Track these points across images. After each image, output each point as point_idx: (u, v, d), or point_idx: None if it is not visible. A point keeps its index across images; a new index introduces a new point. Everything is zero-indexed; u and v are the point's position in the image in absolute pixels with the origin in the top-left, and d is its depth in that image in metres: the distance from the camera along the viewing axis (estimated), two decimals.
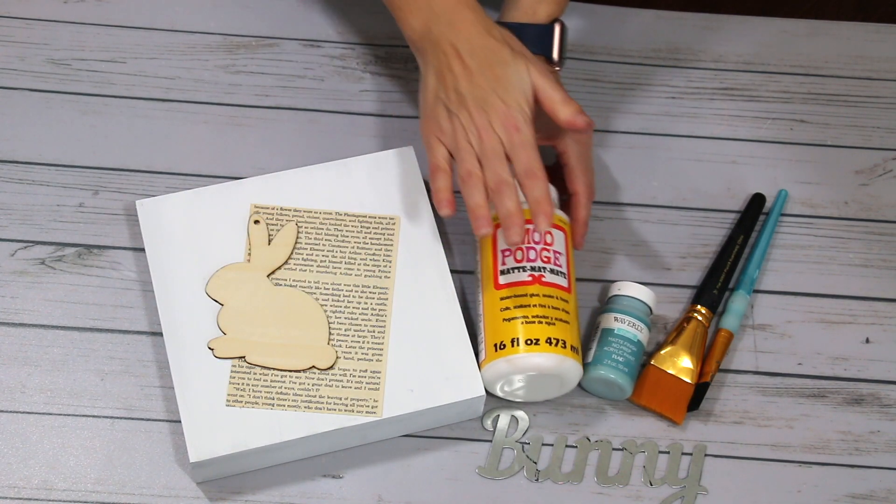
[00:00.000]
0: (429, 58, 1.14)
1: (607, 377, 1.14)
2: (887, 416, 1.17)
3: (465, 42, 1.12)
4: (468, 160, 1.11)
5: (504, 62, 1.12)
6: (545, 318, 1.11)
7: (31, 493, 1.10)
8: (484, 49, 1.12)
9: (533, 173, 1.10)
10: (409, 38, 1.16)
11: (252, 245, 1.16)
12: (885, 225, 1.26)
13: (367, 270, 1.16)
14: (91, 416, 1.13)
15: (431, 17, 1.13)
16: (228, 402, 1.10)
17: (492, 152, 1.10)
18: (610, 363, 1.14)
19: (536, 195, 1.10)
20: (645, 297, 1.16)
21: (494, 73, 1.11)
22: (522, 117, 1.11)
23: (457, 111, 1.12)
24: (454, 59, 1.12)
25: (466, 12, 1.13)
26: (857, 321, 1.21)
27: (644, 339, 1.16)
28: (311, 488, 1.12)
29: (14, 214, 1.21)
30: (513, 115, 1.11)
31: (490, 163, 1.10)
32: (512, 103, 1.11)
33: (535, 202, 1.10)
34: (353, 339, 1.13)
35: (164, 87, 1.27)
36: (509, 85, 1.11)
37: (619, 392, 1.15)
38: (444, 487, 1.13)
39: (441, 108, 1.13)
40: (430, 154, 1.14)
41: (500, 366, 1.11)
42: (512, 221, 1.09)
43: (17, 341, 1.16)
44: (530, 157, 1.10)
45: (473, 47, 1.12)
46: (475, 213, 1.10)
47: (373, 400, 1.11)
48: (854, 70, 1.33)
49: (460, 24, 1.13)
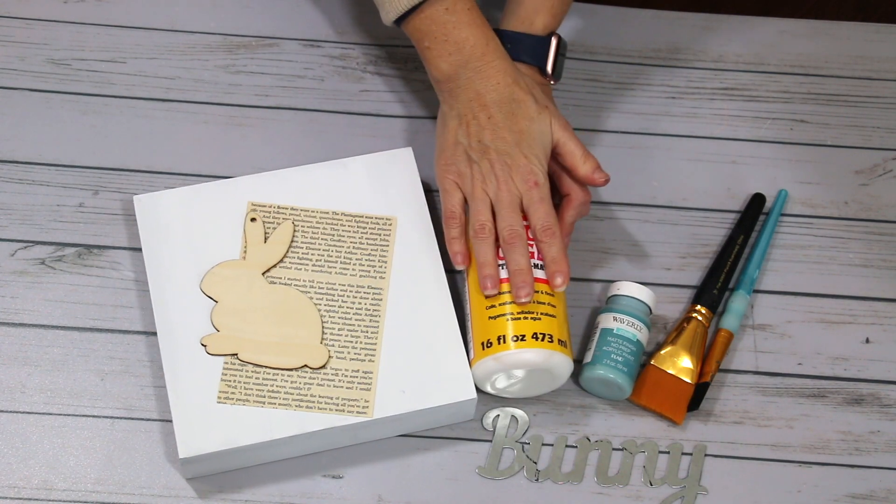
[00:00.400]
0: (454, 101, 1.15)
1: (606, 377, 1.14)
2: (887, 416, 1.17)
3: (492, 91, 1.13)
4: (482, 211, 1.12)
5: (529, 117, 1.13)
6: (530, 313, 1.11)
7: (31, 493, 1.10)
8: (510, 102, 1.13)
9: (550, 231, 1.11)
10: (434, 79, 1.16)
11: (248, 242, 1.16)
12: (885, 225, 1.26)
13: (362, 270, 1.16)
14: (91, 416, 1.13)
15: (461, 62, 1.14)
16: (220, 399, 1.10)
17: (508, 204, 1.12)
18: (609, 363, 1.14)
19: (554, 254, 1.11)
20: (644, 297, 1.16)
21: (519, 128, 1.13)
22: (542, 173, 1.12)
23: (478, 160, 1.13)
24: (480, 109, 1.13)
25: (496, 60, 1.14)
26: (857, 321, 1.21)
27: (644, 339, 1.16)
28: (311, 488, 1.12)
29: (14, 214, 1.21)
30: (533, 171, 1.12)
31: (505, 213, 1.12)
32: (533, 159, 1.12)
33: (553, 261, 1.11)
34: (346, 338, 1.13)
35: (164, 87, 1.27)
36: (532, 140, 1.13)
37: (618, 392, 1.15)
38: (444, 487, 1.13)
39: (461, 154, 1.14)
40: (444, 197, 1.15)
41: (489, 364, 1.11)
42: (522, 279, 1.11)
43: (17, 341, 1.16)
44: (548, 213, 1.12)
45: (500, 98, 1.13)
46: (483, 270, 1.12)
47: (364, 400, 1.11)
48: (854, 70, 1.33)
49: (489, 71, 1.14)
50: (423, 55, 1.16)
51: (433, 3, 1.14)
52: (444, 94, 1.16)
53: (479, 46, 1.14)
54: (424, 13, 1.14)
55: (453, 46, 1.14)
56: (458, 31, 1.14)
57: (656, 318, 1.20)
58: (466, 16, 1.14)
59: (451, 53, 1.14)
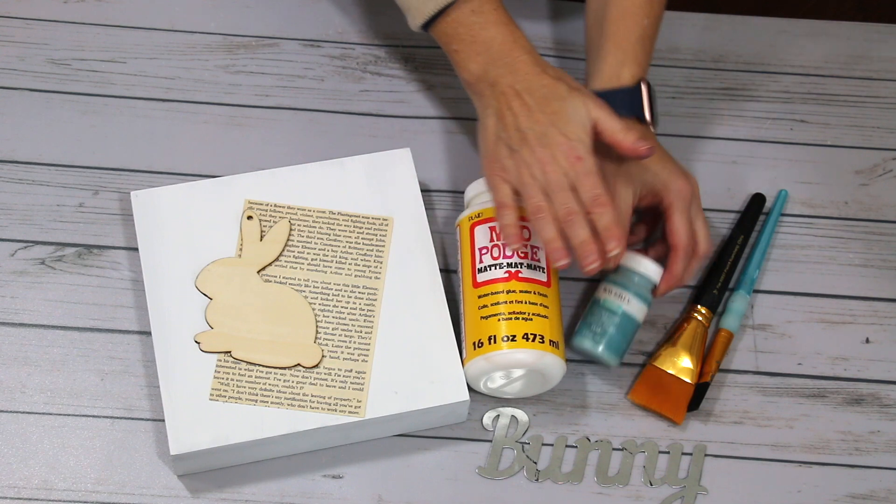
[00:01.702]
0: (487, 99, 1.15)
1: (581, 347, 1.14)
2: (887, 416, 1.17)
3: (522, 81, 1.13)
4: (535, 195, 1.12)
5: (561, 97, 1.12)
6: (522, 314, 1.11)
7: (31, 493, 1.10)
8: (541, 87, 1.13)
9: (599, 200, 1.10)
10: (465, 81, 1.16)
11: (244, 240, 1.16)
12: (885, 225, 1.26)
13: (357, 270, 1.16)
14: (91, 416, 1.13)
15: (489, 61, 1.14)
16: (212, 397, 1.10)
17: (557, 185, 1.11)
18: (586, 333, 1.14)
19: (605, 222, 1.11)
20: (640, 268, 1.15)
21: (552, 108, 1.12)
22: (583, 147, 1.11)
23: (518, 148, 1.12)
24: (513, 99, 1.13)
25: (523, 55, 1.14)
26: (857, 321, 1.21)
27: (634, 311, 1.15)
28: (311, 488, 1.12)
29: (14, 214, 1.21)
30: (574, 147, 1.11)
31: (556, 195, 1.11)
32: (572, 135, 1.11)
33: (605, 229, 1.11)
34: (339, 338, 1.13)
35: (164, 87, 1.27)
36: (568, 118, 1.12)
37: (603, 362, 1.15)
38: (444, 487, 1.13)
39: (502, 147, 1.13)
40: (494, 193, 1.14)
41: (480, 364, 1.11)
42: (587, 250, 1.10)
43: (17, 341, 1.16)
44: (595, 184, 1.11)
45: (531, 86, 1.13)
46: (550, 246, 1.11)
47: (356, 400, 1.11)
48: (854, 70, 1.33)
49: (517, 65, 1.14)
50: (451, 58, 1.17)
51: (459, 6, 1.14)
52: (476, 96, 1.16)
53: (506, 44, 1.14)
54: (451, 17, 1.14)
55: (481, 46, 1.14)
56: (485, 31, 1.14)
57: (656, 318, 1.20)
58: (493, 16, 1.14)
59: (480, 53, 1.14)
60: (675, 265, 1.16)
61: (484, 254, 1.14)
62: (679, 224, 1.16)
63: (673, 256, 1.16)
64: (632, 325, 1.15)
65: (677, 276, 1.16)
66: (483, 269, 1.14)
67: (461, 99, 1.29)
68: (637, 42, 1.18)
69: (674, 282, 1.16)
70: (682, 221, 1.16)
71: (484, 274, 1.14)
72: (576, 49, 1.32)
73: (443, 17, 1.15)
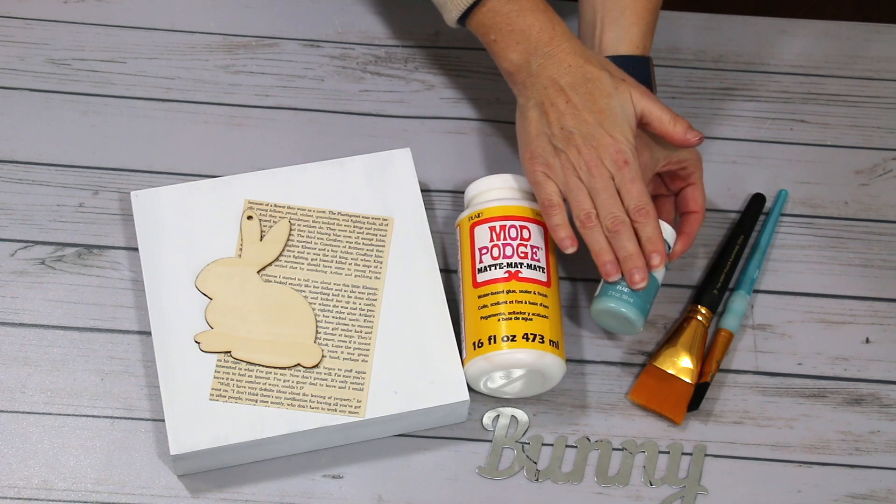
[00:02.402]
0: (530, 91, 1.13)
1: (603, 308, 1.13)
2: (887, 416, 1.17)
3: (566, 75, 1.12)
4: (583, 200, 1.11)
5: (607, 94, 1.11)
6: (522, 314, 1.11)
7: (31, 493, 1.10)
8: (585, 81, 1.12)
9: (644, 210, 1.11)
10: (505, 71, 1.15)
11: (244, 240, 1.16)
12: (885, 225, 1.26)
13: (357, 270, 1.16)
14: (91, 416, 1.13)
15: (529, 50, 1.13)
16: (212, 397, 1.10)
17: (604, 190, 1.11)
18: (612, 293, 1.12)
19: (648, 233, 1.11)
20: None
21: (599, 107, 1.11)
22: (630, 150, 1.11)
23: (564, 148, 1.11)
24: (557, 95, 1.12)
25: (564, 43, 1.13)
26: (857, 321, 1.21)
27: (658, 275, 1.14)
28: (311, 488, 1.12)
29: (14, 214, 1.21)
30: (622, 149, 1.11)
31: (603, 202, 1.11)
32: (619, 136, 1.11)
33: (648, 240, 1.11)
34: (339, 338, 1.13)
35: (164, 87, 1.27)
36: (615, 117, 1.11)
37: (627, 326, 1.13)
38: (444, 487, 1.13)
39: (546, 144, 1.12)
40: (538, 190, 1.13)
41: (480, 364, 1.11)
42: (633, 263, 1.10)
43: (17, 341, 1.16)
44: (640, 191, 1.11)
45: (575, 80, 1.12)
46: (601, 258, 1.11)
47: (356, 400, 1.11)
48: (854, 70, 1.33)
49: (559, 54, 1.12)
50: (490, 50, 1.15)
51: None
52: (517, 87, 1.15)
53: (545, 31, 1.13)
54: (486, 6, 1.13)
55: (520, 35, 1.13)
56: (521, 18, 1.13)
57: (656, 319, 1.20)
58: (529, 2, 1.13)
59: (519, 42, 1.13)
60: (695, 228, 1.17)
61: (484, 254, 1.14)
62: (700, 190, 1.17)
63: (694, 220, 1.17)
64: (653, 284, 1.13)
65: (693, 238, 1.17)
66: (483, 269, 1.14)
67: (461, 99, 1.29)
68: (653, 14, 1.19)
69: (689, 244, 1.17)
70: (702, 188, 1.17)
71: (484, 274, 1.14)
72: None
73: (478, 8, 1.14)
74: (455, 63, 1.31)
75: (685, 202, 1.18)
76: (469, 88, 1.30)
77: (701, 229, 1.24)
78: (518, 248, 1.14)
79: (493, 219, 1.15)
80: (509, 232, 1.14)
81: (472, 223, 1.16)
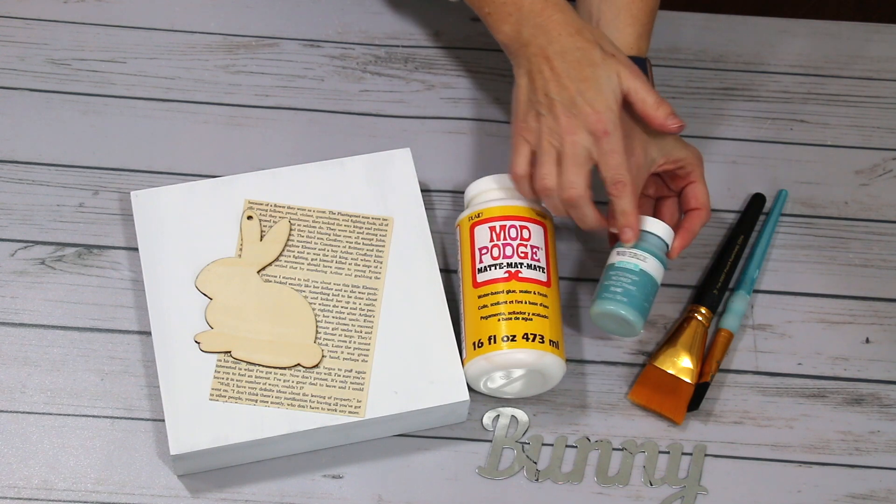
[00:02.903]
0: (521, 60, 1.13)
1: (601, 310, 1.12)
2: (887, 416, 1.17)
3: (554, 44, 1.11)
4: (546, 165, 1.11)
5: (594, 63, 1.11)
6: (522, 314, 1.11)
7: (31, 493, 1.10)
8: (574, 50, 1.11)
9: (621, 183, 1.10)
10: (501, 43, 1.15)
11: (244, 240, 1.16)
12: (885, 225, 1.26)
13: (357, 270, 1.16)
14: (91, 416, 1.13)
15: (521, 20, 1.13)
16: (212, 397, 1.10)
17: (571, 157, 1.10)
18: (607, 296, 1.12)
19: (623, 205, 1.10)
20: (651, 228, 1.14)
21: (583, 76, 1.10)
22: (611, 121, 1.10)
23: (546, 113, 1.11)
24: (543, 62, 1.12)
25: (555, 13, 1.12)
26: (857, 321, 1.21)
27: (652, 269, 1.13)
28: (311, 488, 1.12)
29: (14, 214, 1.21)
30: (602, 119, 1.09)
31: (567, 168, 1.10)
32: (601, 107, 1.10)
33: (622, 213, 1.10)
34: (339, 338, 1.13)
35: (164, 87, 1.27)
36: (598, 87, 1.10)
37: (626, 326, 1.13)
38: (444, 487, 1.13)
39: (531, 111, 1.12)
40: (513, 154, 1.13)
41: (480, 364, 1.11)
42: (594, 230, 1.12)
43: (17, 341, 1.16)
44: (619, 164, 1.10)
45: (563, 48, 1.11)
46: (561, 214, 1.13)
47: (356, 400, 1.11)
48: (854, 70, 1.33)
49: (549, 25, 1.12)
50: (486, 22, 1.16)
51: None
52: (512, 56, 1.15)
53: (537, 3, 1.13)
54: None
55: (512, 7, 1.13)
56: None
57: (656, 319, 1.20)
58: None
59: (511, 14, 1.13)
60: (696, 224, 1.16)
61: (484, 254, 1.14)
62: (702, 187, 1.16)
63: (695, 216, 1.16)
64: (651, 284, 1.13)
65: (694, 235, 1.17)
66: (483, 269, 1.14)
67: (461, 99, 1.29)
68: (649, 17, 1.19)
69: (689, 240, 1.16)
70: (703, 185, 1.16)
71: (484, 274, 1.14)
72: None
73: None
74: (455, 63, 1.31)
75: (686, 199, 1.17)
76: (469, 88, 1.30)
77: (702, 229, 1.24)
78: (518, 248, 1.14)
79: (493, 219, 1.15)
80: (509, 232, 1.14)
81: (472, 223, 1.16)
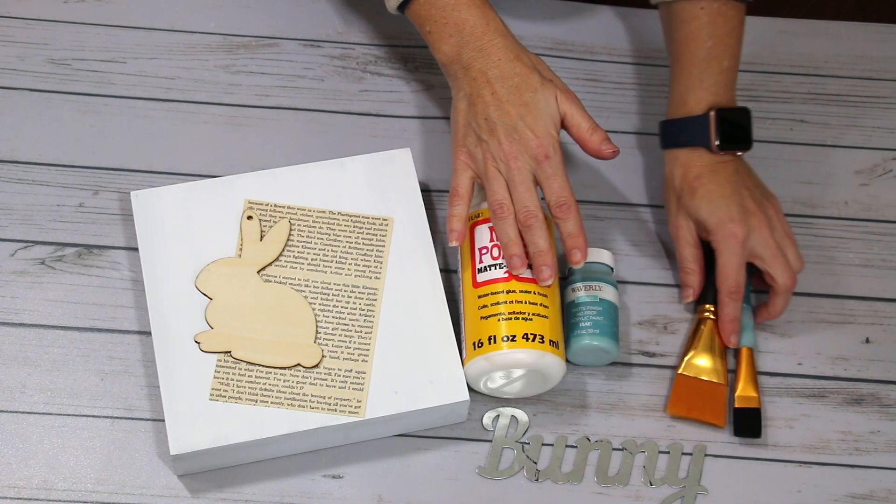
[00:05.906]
0: (461, 83, 1.15)
1: (578, 347, 1.14)
2: (887, 416, 1.17)
3: (494, 68, 1.13)
4: (498, 190, 1.12)
5: (533, 88, 1.12)
6: (522, 314, 1.11)
7: (31, 493, 1.10)
8: (513, 75, 1.13)
9: (566, 205, 1.11)
10: (440, 62, 1.17)
11: (244, 240, 1.16)
12: (885, 225, 1.26)
13: (357, 270, 1.16)
14: (91, 416, 1.13)
15: (462, 43, 1.14)
16: (212, 397, 1.10)
17: (521, 182, 1.11)
18: (578, 334, 1.14)
19: (570, 228, 1.11)
20: (597, 258, 1.16)
21: (523, 100, 1.12)
22: (551, 145, 1.11)
23: (487, 138, 1.12)
24: (484, 86, 1.13)
25: (496, 38, 1.14)
26: (857, 321, 1.21)
27: (610, 296, 1.15)
28: (311, 488, 1.12)
29: (14, 214, 1.21)
30: (543, 144, 1.11)
31: (519, 195, 1.11)
32: (541, 131, 1.11)
33: (569, 235, 1.11)
34: (339, 338, 1.13)
35: (164, 87, 1.27)
36: (538, 111, 1.12)
37: (603, 354, 1.15)
38: (444, 487, 1.13)
39: (471, 134, 1.14)
40: (454, 178, 1.14)
41: (480, 364, 1.12)
42: (543, 260, 1.11)
43: (17, 341, 1.16)
44: (561, 186, 1.11)
45: (503, 73, 1.13)
46: (509, 250, 1.12)
47: (356, 400, 1.11)
48: (854, 70, 1.33)
49: (490, 49, 1.13)
50: (426, 39, 1.17)
51: None
52: (450, 78, 1.16)
53: (478, 26, 1.14)
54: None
55: (453, 28, 1.14)
56: (457, 12, 1.14)
57: (656, 319, 1.20)
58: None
59: (452, 35, 1.14)
60: (772, 302, 1.17)
61: (484, 254, 1.14)
62: (722, 266, 1.15)
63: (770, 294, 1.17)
64: (614, 309, 1.15)
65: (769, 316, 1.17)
66: (483, 270, 1.14)
67: None
68: (702, 64, 1.18)
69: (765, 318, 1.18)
70: (725, 264, 1.15)
71: (484, 274, 1.14)
72: (575, 49, 1.32)
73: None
74: None
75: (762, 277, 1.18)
76: None
77: None
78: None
79: None
80: None
81: (473, 223, 1.16)
